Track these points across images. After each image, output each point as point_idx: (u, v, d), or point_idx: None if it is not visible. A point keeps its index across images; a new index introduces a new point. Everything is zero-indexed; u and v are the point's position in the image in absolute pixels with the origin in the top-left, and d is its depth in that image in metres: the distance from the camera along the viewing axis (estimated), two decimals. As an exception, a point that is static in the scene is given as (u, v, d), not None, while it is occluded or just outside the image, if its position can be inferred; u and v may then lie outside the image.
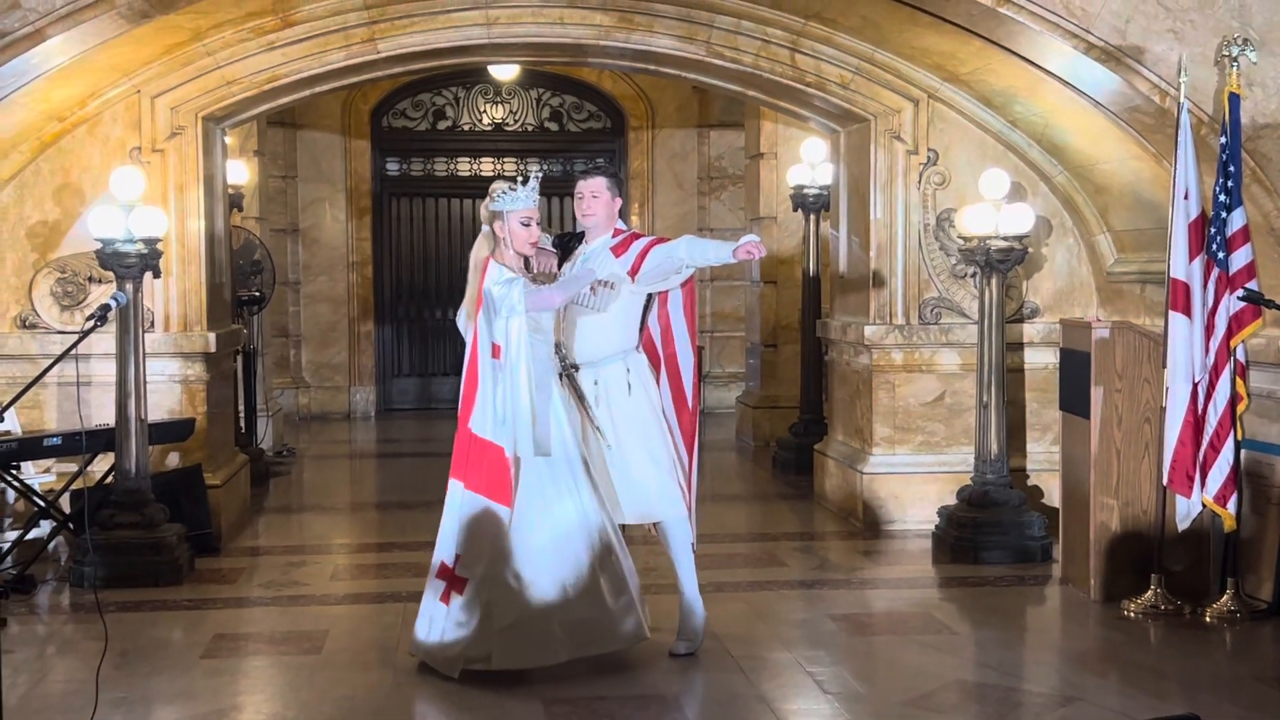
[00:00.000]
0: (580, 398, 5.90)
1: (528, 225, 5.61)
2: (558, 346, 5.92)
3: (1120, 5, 6.77)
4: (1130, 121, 7.18)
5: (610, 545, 5.61)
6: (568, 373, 5.92)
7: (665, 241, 5.91)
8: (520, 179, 5.64)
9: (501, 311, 5.47)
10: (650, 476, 5.90)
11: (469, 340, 5.60)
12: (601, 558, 5.58)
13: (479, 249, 5.67)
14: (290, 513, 9.57)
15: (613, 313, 5.91)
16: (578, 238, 6.09)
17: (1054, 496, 7.86)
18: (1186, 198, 6.42)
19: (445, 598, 5.55)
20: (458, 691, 5.40)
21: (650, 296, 6.02)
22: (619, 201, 6.03)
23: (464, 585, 5.53)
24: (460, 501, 5.59)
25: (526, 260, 5.70)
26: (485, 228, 5.67)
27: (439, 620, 5.57)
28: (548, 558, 5.52)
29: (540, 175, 5.90)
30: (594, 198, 5.95)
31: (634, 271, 5.85)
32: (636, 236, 5.98)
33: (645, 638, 5.69)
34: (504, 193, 5.59)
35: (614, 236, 5.97)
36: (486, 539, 5.52)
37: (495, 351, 5.51)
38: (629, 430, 5.89)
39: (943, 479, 8.30)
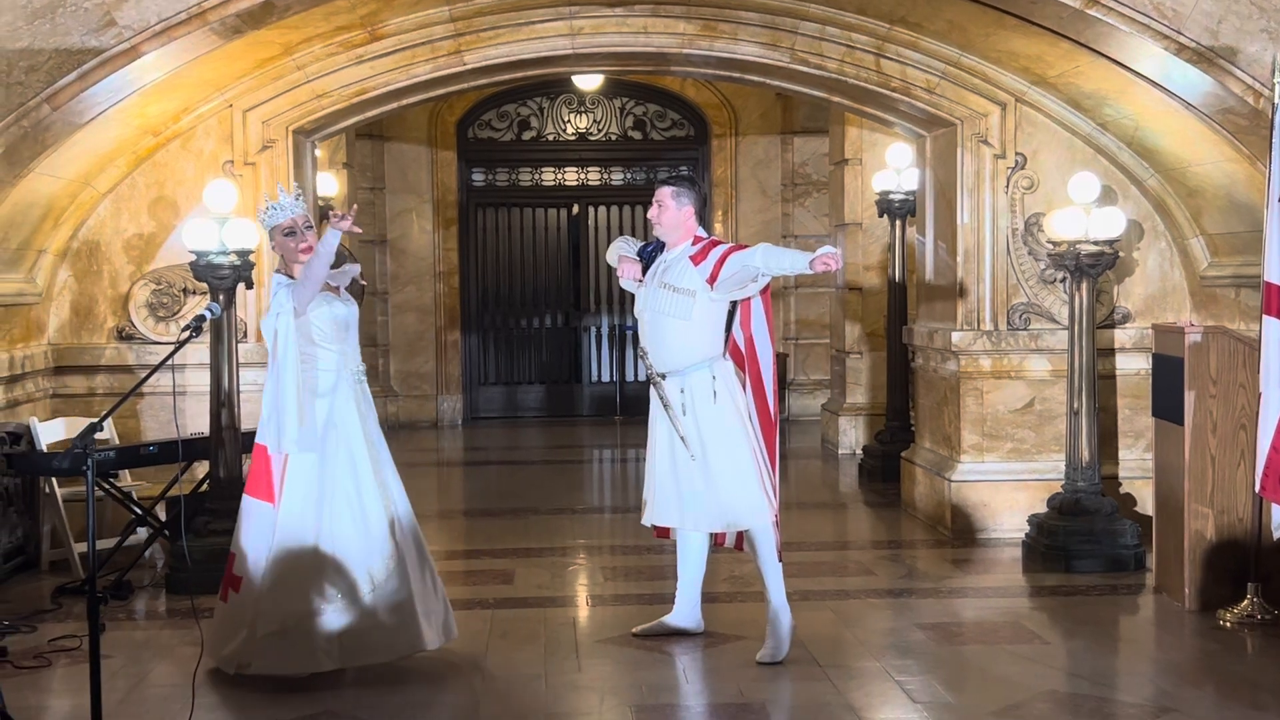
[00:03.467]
0: (667, 406, 5.93)
1: (291, 235, 5.67)
2: (642, 354, 5.96)
3: (1212, 5, 6.66)
4: (1223, 123, 7.06)
5: (392, 554, 5.60)
6: (654, 382, 5.94)
7: (743, 249, 5.93)
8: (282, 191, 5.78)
9: (269, 314, 5.59)
10: (736, 485, 5.91)
11: None
12: (380, 568, 5.57)
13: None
14: (379, 520, 9.66)
15: (695, 320, 5.95)
16: (660, 247, 6.12)
17: (1148, 504, 7.74)
18: (1282, 200, 6.29)
19: (224, 595, 5.68)
20: (540, 697, 5.43)
21: (734, 304, 6.02)
22: (689, 209, 6.04)
23: (240, 584, 5.60)
24: (243, 501, 5.70)
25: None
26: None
27: (218, 616, 5.73)
28: (318, 564, 5.52)
29: (299, 191, 5.92)
30: (659, 207, 6.05)
31: (712, 279, 5.88)
32: (715, 244, 6.01)
33: (423, 649, 5.66)
34: (263, 213, 5.72)
35: (694, 244, 6.02)
36: (257, 540, 5.57)
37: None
38: (715, 438, 5.91)
39: (1033, 487, 8.21)
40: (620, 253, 6.25)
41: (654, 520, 6.23)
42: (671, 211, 6.04)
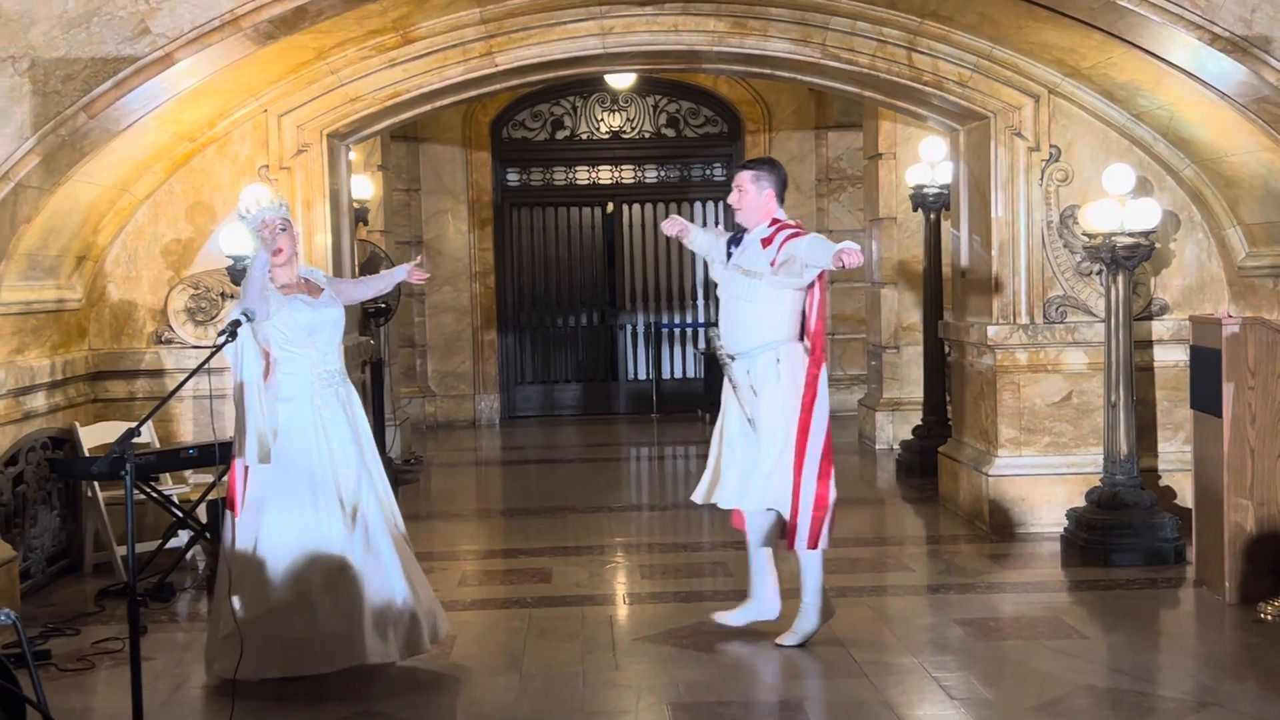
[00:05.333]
0: (735, 387, 5.95)
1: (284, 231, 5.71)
2: (714, 337, 6.01)
3: (1245, -6, 6.62)
4: (1259, 113, 7.00)
5: (344, 567, 5.52)
6: (724, 363, 5.98)
7: (801, 236, 5.92)
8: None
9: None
10: (781, 467, 5.93)
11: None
12: (329, 579, 5.50)
13: None
14: (418, 520, 9.70)
15: (760, 303, 5.97)
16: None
17: (1187, 497, 7.69)
18: (1320, 189, 6.24)
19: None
20: (578, 694, 5.45)
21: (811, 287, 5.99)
22: (769, 192, 6.06)
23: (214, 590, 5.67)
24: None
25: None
26: None
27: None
28: (269, 573, 5.50)
29: (272, 197, 5.89)
30: (739, 191, 6.10)
31: (774, 263, 5.89)
32: (784, 228, 6.01)
33: (366, 661, 5.54)
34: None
35: (769, 227, 6.03)
36: (225, 547, 5.59)
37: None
38: (770, 418, 5.95)
39: (1071, 481, 8.17)
40: (696, 230, 6.31)
41: (714, 499, 6.24)
42: (751, 195, 6.07)
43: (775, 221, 6.06)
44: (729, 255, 6.15)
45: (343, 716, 5.30)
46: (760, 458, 6.00)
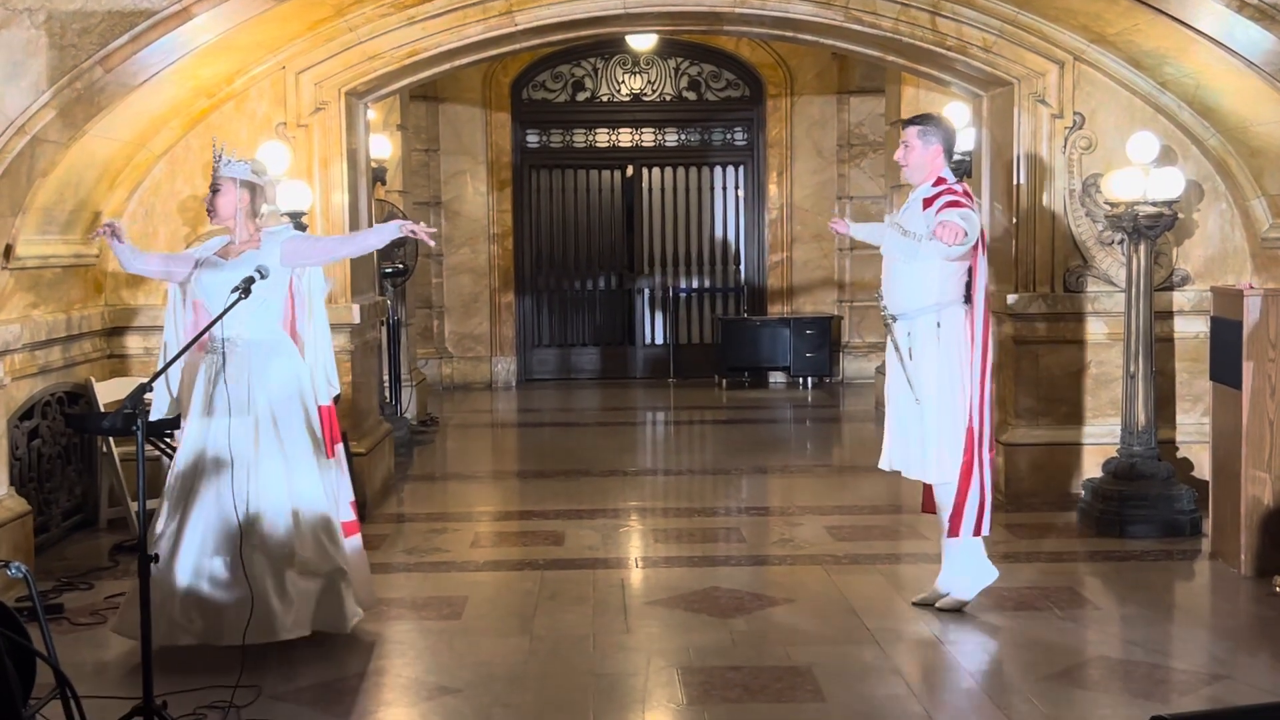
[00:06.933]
0: (897, 349, 5.93)
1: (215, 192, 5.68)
2: (879, 295, 6.06)
3: (1276, -40, 6.52)
4: (1287, 81, 6.92)
5: (255, 540, 5.38)
6: (887, 325, 5.97)
7: (957, 208, 5.72)
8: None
9: None
10: (934, 435, 5.91)
11: None
12: (240, 551, 5.34)
13: None
14: (433, 481, 9.74)
15: (919, 263, 5.89)
16: None
17: (1205, 469, 7.65)
18: (1346, 160, 6.16)
19: None
20: (588, 657, 5.45)
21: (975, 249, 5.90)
22: (936, 147, 5.94)
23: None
24: None
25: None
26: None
27: None
28: (180, 540, 5.39)
29: (222, 154, 5.73)
30: (905, 147, 6.00)
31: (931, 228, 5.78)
32: (947, 192, 5.85)
33: (276, 638, 5.35)
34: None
35: (934, 186, 5.93)
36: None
37: None
38: (926, 384, 5.90)
39: (1088, 451, 8.13)
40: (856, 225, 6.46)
41: (882, 464, 6.23)
42: (918, 151, 5.96)
43: (940, 181, 5.92)
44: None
45: (352, 674, 5.31)
46: (915, 423, 5.93)
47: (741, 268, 15.45)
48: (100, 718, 4.53)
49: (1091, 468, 7.90)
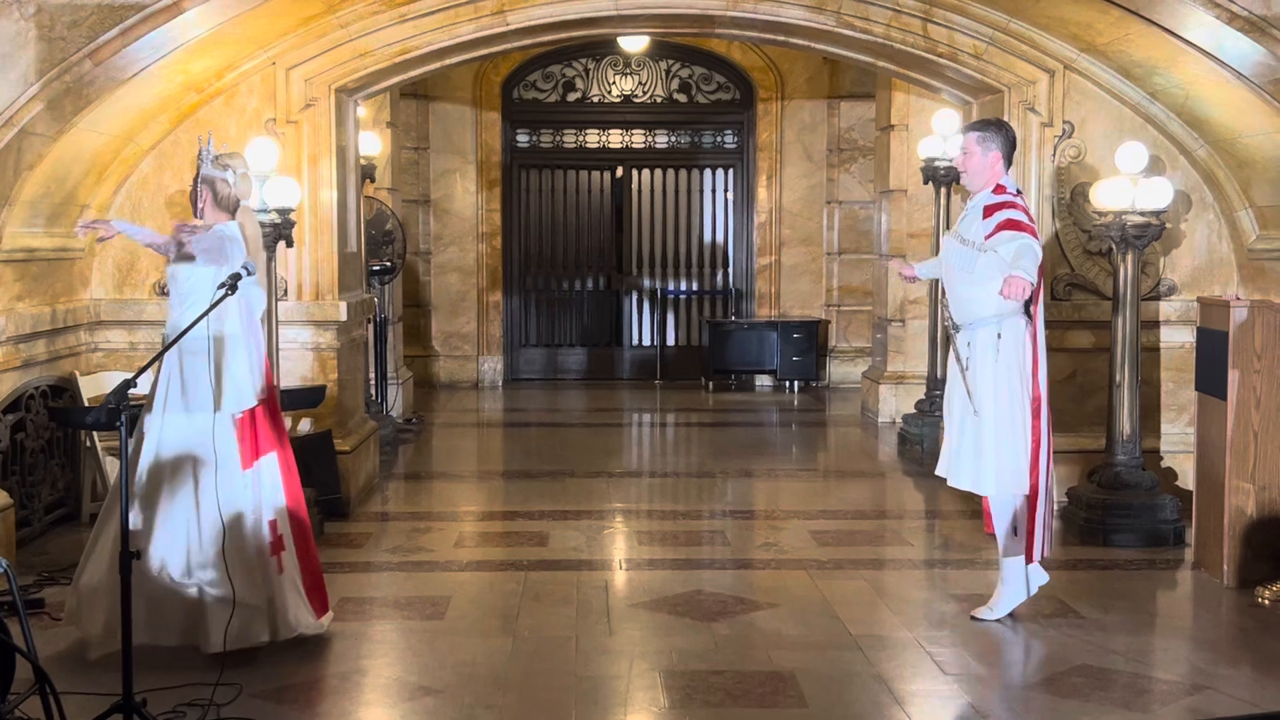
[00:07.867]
0: (958, 359, 5.90)
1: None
2: (943, 304, 5.98)
3: (1266, -27, 6.54)
4: (1275, 94, 6.94)
5: (220, 548, 5.32)
6: (949, 334, 5.94)
7: (1017, 229, 5.69)
8: None
9: None
10: (990, 449, 5.88)
11: None
12: (200, 557, 5.33)
13: None
14: (418, 480, 9.72)
15: (978, 273, 5.83)
16: None
17: (1189, 479, 7.66)
18: (1334, 173, 6.18)
19: None
20: (570, 659, 5.44)
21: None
22: (995, 154, 5.89)
23: None
24: None
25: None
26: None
27: None
28: (151, 538, 5.36)
29: (209, 150, 5.71)
30: (965, 154, 5.96)
31: (989, 238, 5.76)
32: (1007, 206, 5.81)
33: (209, 650, 5.26)
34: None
35: (994, 194, 5.88)
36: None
37: None
38: (984, 394, 5.87)
39: (1073, 459, 8.13)
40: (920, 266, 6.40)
41: (939, 471, 6.21)
42: (977, 158, 5.92)
43: (1000, 189, 5.88)
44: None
45: (337, 672, 5.30)
46: (972, 434, 5.90)
47: (730, 270, 15.46)
48: (80, 714, 4.51)
49: (1076, 476, 7.91)
